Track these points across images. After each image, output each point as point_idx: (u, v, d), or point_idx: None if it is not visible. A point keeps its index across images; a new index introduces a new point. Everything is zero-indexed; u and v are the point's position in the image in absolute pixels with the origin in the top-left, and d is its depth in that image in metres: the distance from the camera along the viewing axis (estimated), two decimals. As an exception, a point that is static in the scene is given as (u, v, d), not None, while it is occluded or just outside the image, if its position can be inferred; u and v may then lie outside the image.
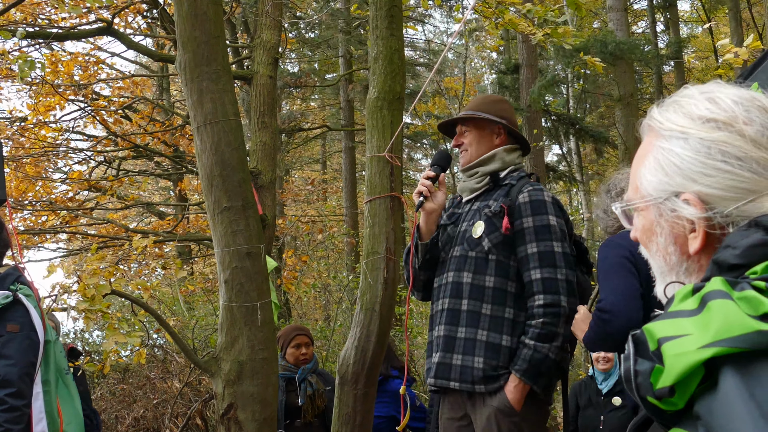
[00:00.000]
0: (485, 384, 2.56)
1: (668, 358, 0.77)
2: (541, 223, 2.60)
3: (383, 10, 3.93)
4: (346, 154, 13.84)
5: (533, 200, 2.63)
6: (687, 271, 0.97)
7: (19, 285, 2.84)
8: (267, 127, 4.32)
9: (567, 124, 11.49)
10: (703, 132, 0.93)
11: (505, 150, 2.82)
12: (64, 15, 7.94)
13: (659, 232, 0.98)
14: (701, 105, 0.96)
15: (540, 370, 2.51)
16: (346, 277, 9.97)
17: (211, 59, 3.45)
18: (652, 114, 1.02)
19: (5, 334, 2.72)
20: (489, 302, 2.62)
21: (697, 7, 17.31)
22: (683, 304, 0.82)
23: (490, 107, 2.87)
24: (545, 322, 2.51)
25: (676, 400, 0.78)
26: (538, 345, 2.51)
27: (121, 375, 7.82)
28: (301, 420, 4.24)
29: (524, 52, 10.85)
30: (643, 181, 1.00)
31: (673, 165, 0.95)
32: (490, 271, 2.64)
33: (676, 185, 0.95)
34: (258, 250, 3.47)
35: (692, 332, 0.77)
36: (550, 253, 2.57)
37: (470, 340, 2.61)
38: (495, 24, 5.62)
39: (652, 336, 0.81)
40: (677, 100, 0.99)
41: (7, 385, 2.67)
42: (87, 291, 3.83)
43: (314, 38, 13.10)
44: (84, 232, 9.10)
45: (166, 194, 16.22)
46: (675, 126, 0.97)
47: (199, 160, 3.51)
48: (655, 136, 1.00)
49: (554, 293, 2.53)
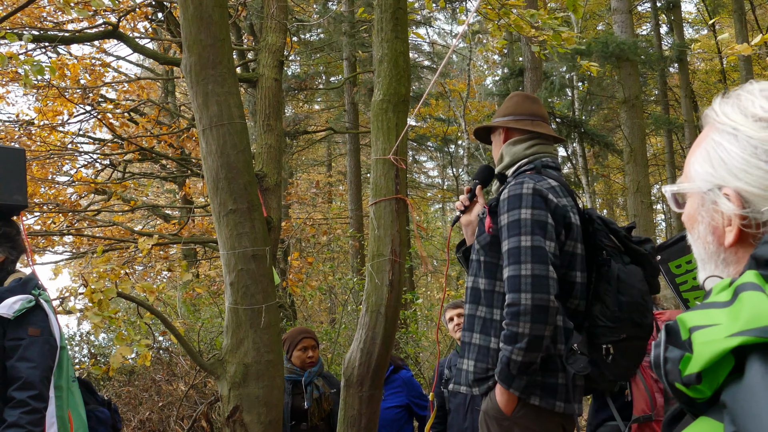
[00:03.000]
0: (478, 386, 2.57)
1: (697, 346, 0.79)
2: (512, 219, 2.52)
3: (388, 13, 3.94)
4: (351, 157, 13.85)
5: (510, 196, 2.56)
6: (724, 261, 0.99)
7: (39, 290, 2.91)
8: (272, 130, 4.32)
9: (571, 126, 11.47)
10: (752, 131, 0.95)
11: (508, 144, 2.81)
12: (70, 18, 7.98)
13: (700, 220, 1.01)
14: (757, 103, 0.97)
15: (510, 372, 2.42)
16: (351, 280, 9.98)
17: (217, 62, 3.46)
18: (713, 105, 1.04)
19: (26, 338, 2.79)
20: (483, 305, 2.62)
21: (701, 9, 17.27)
22: (718, 297, 0.84)
23: (500, 110, 2.93)
24: (506, 322, 2.44)
25: (703, 387, 0.80)
26: (503, 347, 2.43)
27: (127, 377, 7.83)
28: (307, 423, 4.24)
29: (528, 54, 10.84)
30: (692, 170, 1.02)
31: (719, 159, 0.97)
32: (482, 273, 2.64)
33: (719, 179, 0.97)
34: (263, 252, 3.48)
35: (722, 322, 0.79)
36: (516, 249, 2.48)
37: (469, 344, 2.64)
38: (498, 26, 5.62)
39: (684, 325, 0.83)
40: (738, 94, 1.01)
41: (30, 387, 2.73)
42: (94, 295, 3.84)
43: (318, 41, 13.13)
44: (90, 235, 9.13)
45: (172, 197, 16.26)
46: (729, 121, 0.98)
47: (204, 162, 3.52)
48: (710, 128, 1.02)
49: (515, 291, 2.43)
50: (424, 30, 15.67)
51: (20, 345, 2.77)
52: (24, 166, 3.12)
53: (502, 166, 2.81)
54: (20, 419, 2.67)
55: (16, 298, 2.81)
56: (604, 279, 2.59)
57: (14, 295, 2.82)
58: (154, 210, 11.43)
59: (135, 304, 4.74)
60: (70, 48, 9.50)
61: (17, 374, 2.73)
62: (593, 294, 2.60)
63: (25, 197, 3.08)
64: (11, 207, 3.06)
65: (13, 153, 3.14)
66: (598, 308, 2.56)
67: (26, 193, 3.09)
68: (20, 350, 2.76)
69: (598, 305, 2.56)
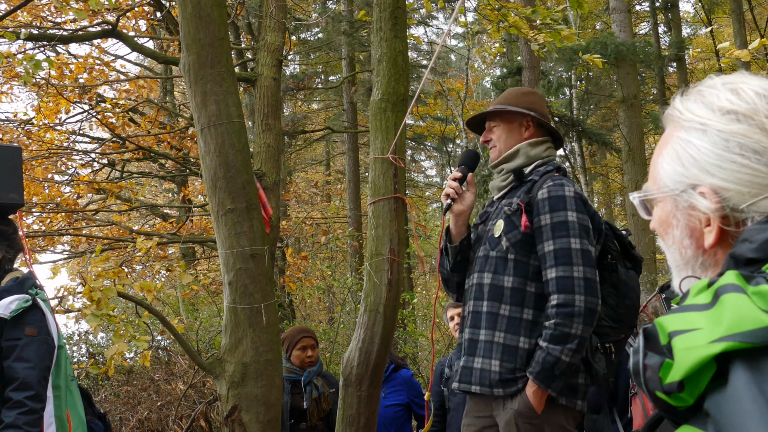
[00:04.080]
0: (503, 387, 2.51)
1: (678, 352, 0.76)
2: (559, 220, 2.51)
3: (387, 12, 3.93)
4: (350, 156, 13.85)
5: (552, 196, 2.54)
6: (703, 265, 0.95)
7: (36, 289, 2.90)
8: (271, 129, 4.32)
9: (569, 125, 11.48)
10: (721, 124, 0.91)
11: (529, 144, 2.73)
12: (68, 17, 7.97)
13: (675, 224, 0.96)
14: (723, 96, 0.93)
15: (553, 372, 2.43)
16: (349, 279, 9.98)
17: (215, 61, 3.46)
18: (674, 104, 1.00)
19: (23, 338, 2.77)
20: (507, 303, 2.57)
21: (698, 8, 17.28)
22: (697, 299, 0.80)
23: (519, 99, 2.79)
24: (557, 323, 2.43)
25: (685, 395, 0.76)
26: (550, 347, 2.43)
27: (126, 377, 7.82)
28: (306, 423, 4.24)
29: (526, 54, 10.84)
30: (661, 172, 0.98)
31: (690, 157, 0.93)
32: (509, 271, 2.58)
33: (692, 177, 0.93)
34: (262, 251, 3.48)
35: (703, 326, 0.76)
36: (566, 250, 2.47)
37: (488, 343, 2.57)
38: (497, 27, 5.63)
39: (663, 330, 0.79)
40: (700, 90, 0.97)
41: (27, 387, 2.72)
42: (93, 294, 3.84)
43: (316, 41, 13.13)
44: (89, 234, 9.12)
45: (170, 196, 16.25)
46: (695, 117, 0.95)
47: (203, 161, 3.52)
48: (675, 127, 0.98)
49: (568, 292, 2.44)
50: (422, 30, 15.69)
51: (17, 345, 2.75)
52: (20, 164, 3.09)
53: (518, 164, 2.72)
54: (17, 420, 2.66)
55: (12, 298, 2.79)
56: (609, 282, 2.63)
57: (11, 295, 2.80)
58: (153, 209, 11.43)
59: (133, 304, 4.73)
60: (69, 47, 9.49)
61: (14, 374, 2.72)
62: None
63: (22, 196, 3.05)
64: (8, 205, 3.04)
65: (9, 151, 3.12)
66: (602, 310, 2.59)
67: (23, 192, 3.07)
68: (17, 350, 2.75)
69: (602, 307, 2.59)
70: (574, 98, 13.19)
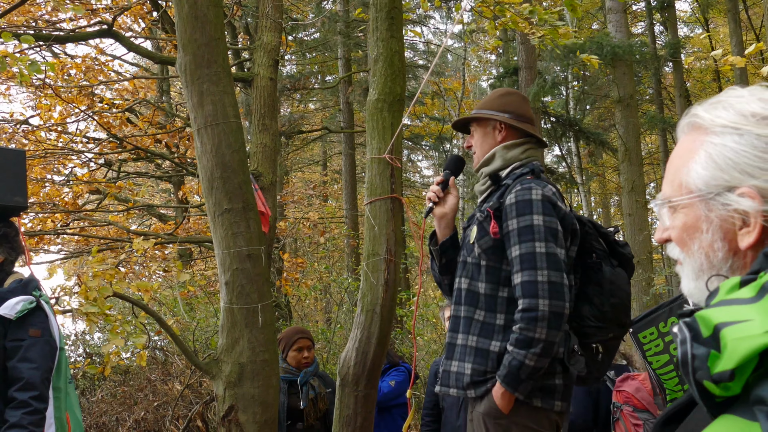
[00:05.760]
0: (474, 389, 2.55)
1: (730, 342, 0.78)
2: (525, 224, 2.51)
3: (383, 12, 3.94)
4: (346, 156, 13.85)
5: (519, 201, 2.54)
6: (731, 268, 0.97)
7: (39, 291, 2.94)
8: (267, 129, 4.32)
9: (566, 125, 11.50)
10: (758, 128, 0.95)
11: (504, 147, 2.74)
12: (64, 17, 7.96)
13: (705, 228, 0.98)
14: (753, 103, 0.97)
15: (519, 376, 2.44)
16: (346, 279, 9.98)
17: (212, 61, 3.46)
18: (695, 112, 1.03)
19: (28, 339, 2.82)
20: (482, 309, 2.60)
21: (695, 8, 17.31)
22: (737, 294, 0.83)
23: (494, 103, 2.80)
24: (521, 327, 2.44)
25: (733, 384, 0.79)
26: (515, 351, 2.44)
27: (122, 377, 7.81)
28: (303, 423, 4.24)
29: (523, 54, 10.86)
30: (693, 176, 1.00)
31: (728, 159, 0.96)
32: (482, 277, 2.61)
33: (731, 179, 0.95)
34: (258, 252, 3.48)
35: (754, 318, 0.78)
36: (531, 254, 2.47)
37: (464, 347, 2.61)
38: (495, 23, 5.64)
39: (706, 322, 0.81)
40: (725, 100, 1.00)
41: (32, 388, 2.76)
42: (89, 293, 3.84)
43: (313, 41, 13.12)
44: (86, 234, 9.10)
45: (167, 197, 16.23)
46: (727, 122, 0.97)
47: (199, 162, 3.51)
48: (702, 133, 1.01)
49: (532, 297, 2.44)
50: (419, 29, 15.67)
51: (22, 346, 2.80)
52: (24, 168, 3.15)
53: (495, 167, 2.75)
54: (22, 420, 2.69)
55: (18, 299, 2.84)
56: (593, 281, 2.63)
57: (16, 296, 2.85)
58: (149, 209, 11.41)
59: (130, 304, 4.73)
60: (66, 47, 9.47)
61: (19, 375, 2.76)
62: (581, 295, 2.63)
63: (26, 198, 3.10)
64: (11, 208, 3.07)
65: (14, 154, 3.17)
66: (587, 309, 2.60)
67: (26, 195, 3.11)
68: (21, 351, 2.79)
69: (587, 306, 2.61)
70: (571, 98, 13.21)
